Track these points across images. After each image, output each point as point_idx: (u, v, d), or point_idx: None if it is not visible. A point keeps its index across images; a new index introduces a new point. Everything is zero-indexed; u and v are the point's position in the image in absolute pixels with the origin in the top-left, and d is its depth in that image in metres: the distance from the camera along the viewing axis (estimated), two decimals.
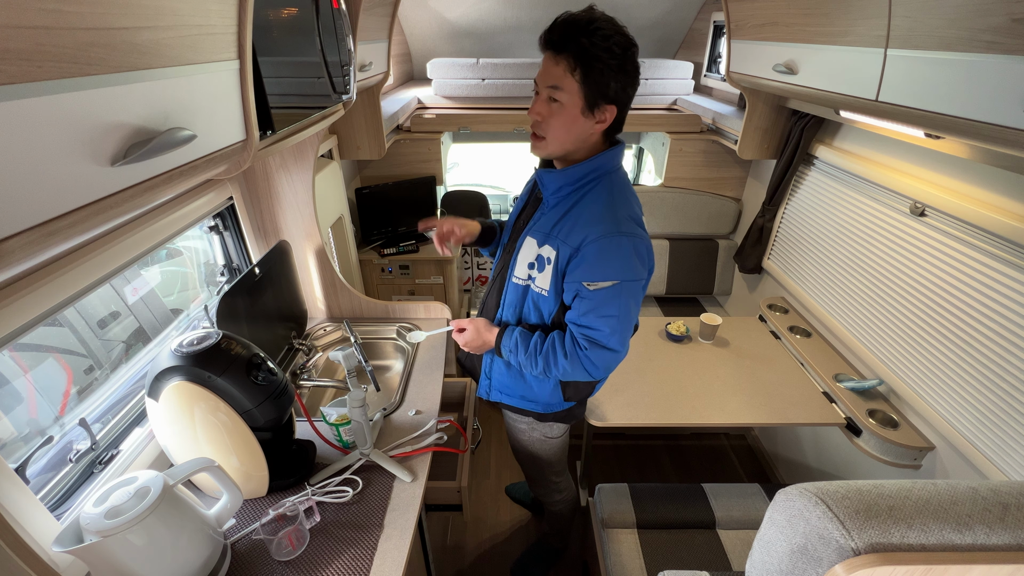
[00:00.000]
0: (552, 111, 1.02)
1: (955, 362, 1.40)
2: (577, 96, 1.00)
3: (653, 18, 2.81)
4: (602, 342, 1.09)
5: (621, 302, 1.07)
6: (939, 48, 1.02)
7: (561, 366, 1.13)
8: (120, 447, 1.09)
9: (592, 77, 0.98)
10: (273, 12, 1.00)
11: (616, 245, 1.04)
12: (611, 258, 1.04)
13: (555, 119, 1.03)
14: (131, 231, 1.07)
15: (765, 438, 2.41)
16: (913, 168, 1.56)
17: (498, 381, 1.37)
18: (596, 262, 1.05)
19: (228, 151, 0.87)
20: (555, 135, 1.05)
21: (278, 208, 1.62)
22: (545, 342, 1.16)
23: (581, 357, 1.11)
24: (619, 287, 1.06)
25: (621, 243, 1.04)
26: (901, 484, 0.67)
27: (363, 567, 0.99)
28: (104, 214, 0.61)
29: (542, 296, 1.16)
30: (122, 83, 0.61)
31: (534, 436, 1.47)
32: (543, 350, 1.15)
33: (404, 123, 2.52)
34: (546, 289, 1.14)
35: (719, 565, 1.45)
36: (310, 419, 1.27)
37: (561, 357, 1.13)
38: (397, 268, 2.58)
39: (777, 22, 1.60)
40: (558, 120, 1.03)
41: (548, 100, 1.02)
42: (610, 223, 1.04)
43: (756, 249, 2.38)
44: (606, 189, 1.09)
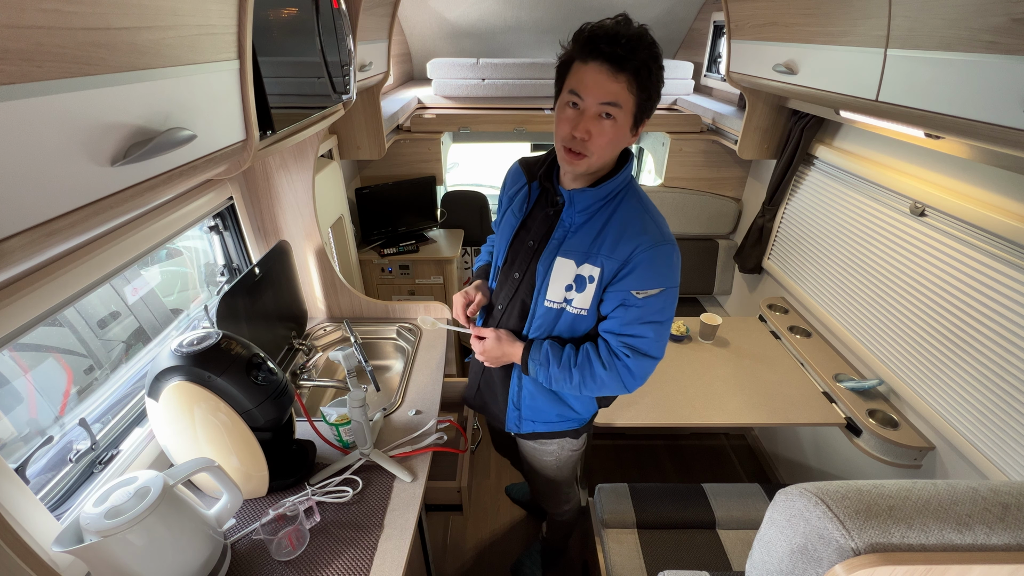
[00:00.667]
0: (603, 129, 0.95)
1: (955, 362, 1.40)
2: (630, 114, 0.95)
3: (653, 18, 2.81)
4: (644, 349, 1.07)
5: (668, 307, 1.06)
6: (939, 48, 1.02)
7: (599, 378, 1.09)
8: (120, 447, 1.09)
9: (649, 95, 0.94)
10: (273, 12, 1.00)
11: (666, 254, 1.03)
12: (661, 266, 1.03)
13: (605, 137, 0.96)
14: (131, 231, 1.07)
15: (765, 438, 2.41)
16: (913, 168, 1.56)
17: (530, 410, 1.28)
18: (648, 271, 1.03)
19: (228, 151, 0.87)
20: (602, 153, 0.98)
21: (278, 208, 1.62)
22: (579, 354, 1.11)
23: (619, 367, 1.08)
24: (666, 293, 1.05)
25: (670, 252, 1.04)
26: (901, 484, 0.67)
27: (363, 567, 0.99)
28: (104, 214, 0.61)
29: (580, 316, 1.11)
30: (122, 83, 0.61)
31: (563, 456, 1.40)
32: (578, 362, 1.10)
33: (404, 123, 2.52)
34: (586, 309, 1.10)
35: (719, 565, 1.45)
36: (310, 419, 1.27)
37: (599, 368, 1.08)
38: (397, 268, 2.58)
39: (777, 22, 1.60)
40: (608, 138, 0.96)
41: (599, 117, 0.94)
42: (656, 232, 1.03)
43: (756, 249, 2.38)
44: (636, 199, 1.06)
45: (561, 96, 0.99)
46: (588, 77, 0.92)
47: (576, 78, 0.94)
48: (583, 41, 0.92)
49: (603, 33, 0.90)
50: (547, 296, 1.11)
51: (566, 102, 0.97)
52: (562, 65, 0.98)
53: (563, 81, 0.98)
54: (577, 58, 0.94)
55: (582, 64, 0.93)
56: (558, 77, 1.00)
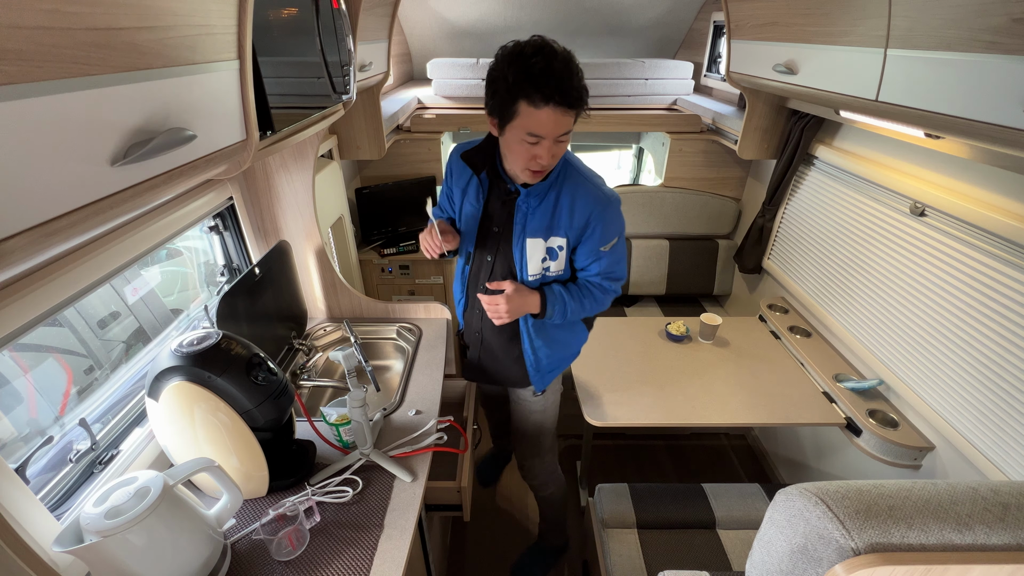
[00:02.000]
0: (560, 149, 1.12)
1: (955, 362, 1.40)
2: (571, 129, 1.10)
3: (653, 18, 2.81)
4: (619, 275, 1.34)
5: (623, 243, 1.31)
6: (939, 48, 1.02)
7: (598, 301, 1.34)
8: (120, 447, 1.09)
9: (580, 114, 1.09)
10: (273, 12, 1.00)
11: (614, 209, 1.24)
12: (612, 221, 1.25)
13: (560, 152, 1.13)
14: (131, 231, 1.07)
15: (765, 438, 2.41)
16: (913, 168, 1.56)
17: (548, 362, 1.45)
18: (605, 228, 1.24)
19: (228, 151, 0.87)
20: (555, 163, 1.16)
21: (278, 208, 1.62)
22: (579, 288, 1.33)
23: (608, 292, 1.35)
24: (621, 236, 1.29)
25: (616, 205, 1.25)
26: (901, 484, 0.67)
27: (363, 567, 0.99)
28: (104, 214, 0.61)
29: (559, 276, 1.33)
30: (122, 83, 0.61)
31: (555, 399, 1.59)
32: (583, 294, 1.33)
33: (404, 123, 2.52)
34: (562, 269, 1.32)
35: (719, 565, 1.45)
36: (310, 419, 1.27)
37: (598, 295, 1.33)
38: (397, 268, 2.58)
39: (777, 22, 1.60)
40: (562, 151, 1.14)
41: (554, 143, 1.08)
42: (600, 194, 1.22)
43: (756, 249, 2.38)
44: (573, 170, 1.23)
45: (513, 132, 1.08)
46: (546, 120, 1.03)
47: (533, 121, 1.04)
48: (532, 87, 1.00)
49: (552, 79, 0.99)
50: (529, 272, 1.29)
51: (521, 139, 1.08)
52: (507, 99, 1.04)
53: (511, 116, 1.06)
54: (525, 100, 1.02)
55: (534, 109, 1.02)
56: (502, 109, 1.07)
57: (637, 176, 3.47)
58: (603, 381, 1.74)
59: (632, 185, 2.76)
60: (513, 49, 1.03)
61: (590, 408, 1.62)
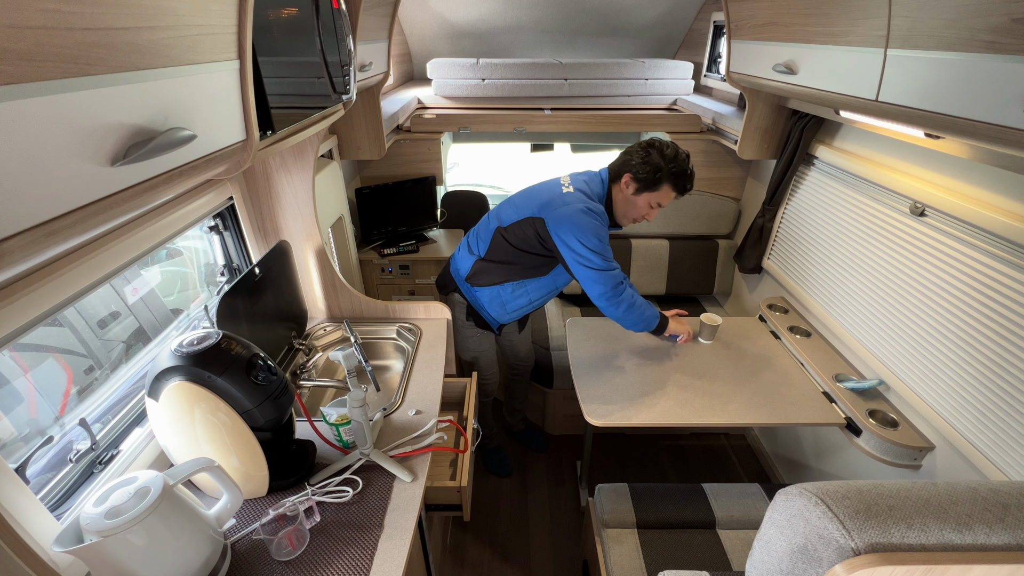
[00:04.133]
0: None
1: (955, 362, 1.40)
2: None
3: (653, 18, 2.81)
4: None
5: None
6: (939, 48, 1.02)
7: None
8: (120, 447, 1.09)
9: None
10: (273, 12, 1.00)
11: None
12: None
13: None
14: (131, 231, 1.07)
15: (765, 438, 2.41)
16: (913, 168, 1.56)
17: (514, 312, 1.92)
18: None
19: (228, 151, 0.87)
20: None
21: (278, 208, 1.62)
22: None
23: None
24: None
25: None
26: (901, 484, 0.67)
27: (363, 567, 0.99)
28: (104, 214, 0.61)
29: None
30: (122, 83, 0.61)
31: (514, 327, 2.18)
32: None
33: (404, 123, 2.52)
34: None
35: (719, 565, 1.45)
36: (310, 419, 1.27)
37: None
38: (397, 268, 2.58)
39: (777, 22, 1.60)
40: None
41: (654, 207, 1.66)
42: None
43: (756, 249, 2.38)
44: None
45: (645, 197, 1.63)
46: (668, 198, 1.63)
47: (664, 197, 1.63)
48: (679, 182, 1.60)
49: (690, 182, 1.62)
50: None
51: (648, 203, 1.64)
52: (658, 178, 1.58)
53: (654, 187, 1.60)
54: (670, 185, 1.60)
55: (670, 191, 1.61)
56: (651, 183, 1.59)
57: None
58: (603, 381, 1.74)
59: None
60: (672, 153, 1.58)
61: (590, 408, 1.62)
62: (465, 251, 1.87)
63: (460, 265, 1.87)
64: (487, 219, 1.83)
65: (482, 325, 1.93)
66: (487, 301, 1.87)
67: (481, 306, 1.89)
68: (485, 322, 1.92)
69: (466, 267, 1.84)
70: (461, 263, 1.87)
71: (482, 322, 1.92)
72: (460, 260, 1.88)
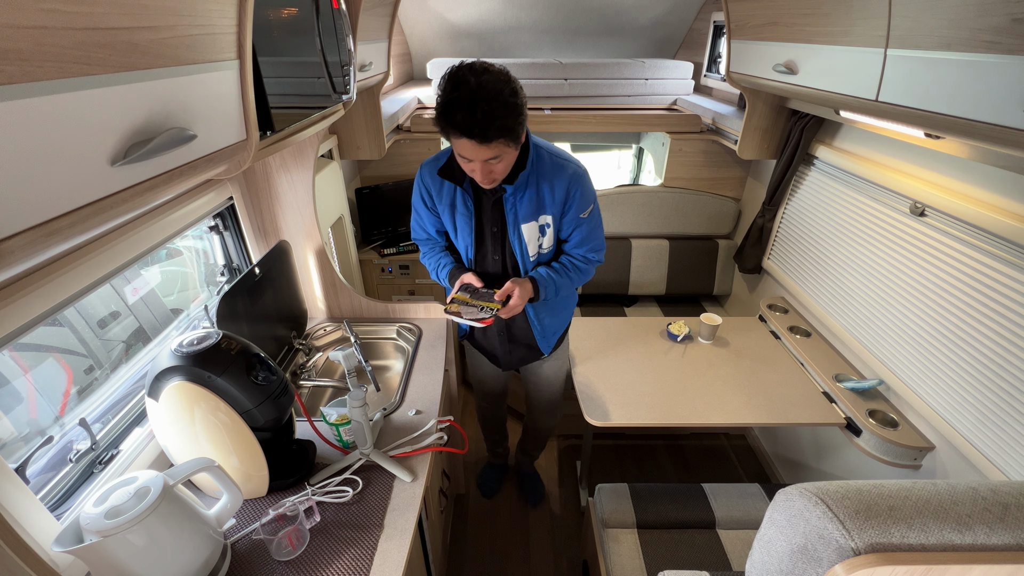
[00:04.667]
0: (497, 167, 1.18)
1: (955, 362, 1.40)
2: (509, 148, 1.15)
3: (653, 18, 2.81)
4: (600, 242, 1.47)
5: (598, 210, 1.43)
6: (939, 48, 1.02)
7: (583, 272, 1.47)
8: (120, 447, 1.09)
9: (517, 133, 1.13)
10: (273, 12, 1.00)
11: (586, 178, 1.36)
12: (587, 188, 1.36)
13: (501, 169, 1.20)
14: (131, 231, 1.07)
15: (765, 438, 2.41)
16: (913, 168, 1.56)
17: (551, 327, 1.60)
18: (582, 196, 1.35)
19: (228, 151, 0.87)
20: (504, 173, 1.23)
21: (278, 208, 1.62)
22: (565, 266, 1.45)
23: (592, 260, 1.48)
24: (596, 202, 1.41)
25: (586, 174, 1.36)
26: (901, 484, 0.67)
27: (363, 567, 0.99)
28: (104, 214, 0.61)
29: (550, 251, 1.45)
30: (122, 83, 0.61)
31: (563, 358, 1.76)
32: (569, 270, 1.44)
33: (404, 123, 2.52)
34: (552, 244, 1.43)
35: (719, 565, 1.45)
36: (310, 419, 1.27)
37: (582, 264, 1.46)
38: (397, 268, 2.58)
39: (777, 22, 1.60)
40: (504, 167, 1.20)
41: (486, 163, 1.15)
42: (570, 166, 1.33)
43: (756, 249, 2.38)
44: (545, 152, 1.32)
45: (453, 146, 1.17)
46: (465, 148, 1.12)
47: (458, 146, 1.14)
48: (446, 121, 1.09)
49: (460, 115, 1.06)
50: (530, 255, 1.41)
51: (458, 154, 1.18)
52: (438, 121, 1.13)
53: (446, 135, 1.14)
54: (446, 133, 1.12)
55: (456, 136, 1.11)
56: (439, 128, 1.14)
57: (637, 176, 3.47)
58: (603, 381, 1.74)
59: (632, 185, 2.76)
60: (445, 75, 1.10)
61: (590, 408, 1.62)
62: None
63: None
64: None
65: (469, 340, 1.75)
66: None
67: None
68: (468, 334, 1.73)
69: None
70: None
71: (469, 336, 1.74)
72: None
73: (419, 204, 1.44)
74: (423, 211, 1.45)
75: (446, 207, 1.39)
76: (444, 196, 1.37)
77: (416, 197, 1.44)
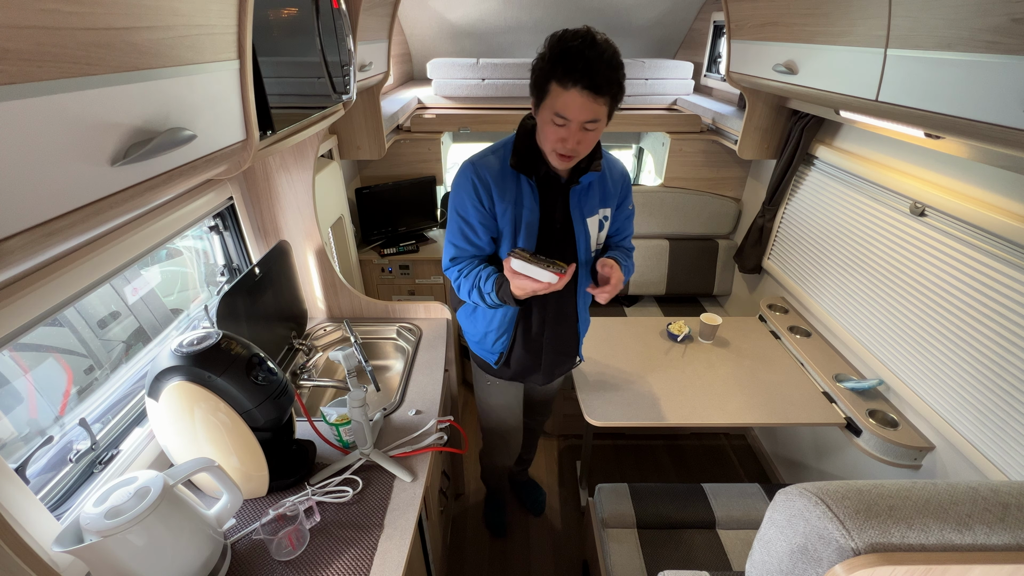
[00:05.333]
0: (588, 138, 1.11)
1: (955, 362, 1.40)
2: (606, 118, 1.09)
3: (653, 18, 2.81)
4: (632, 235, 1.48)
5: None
6: (939, 48, 1.02)
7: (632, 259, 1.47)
8: (120, 447, 1.09)
9: (619, 101, 1.09)
10: (273, 12, 1.00)
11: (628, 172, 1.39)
12: (630, 181, 1.39)
13: (589, 142, 1.13)
14: (131, 231, 1.07)
15: (765, 438, 2.41)
16: (913, 168, 1.56)
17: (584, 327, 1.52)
18: (630, 189, 1.39)
19: (228, 151, 0.87)
20: (586, 151, 1.16)
21: (278, 208, 1.62)
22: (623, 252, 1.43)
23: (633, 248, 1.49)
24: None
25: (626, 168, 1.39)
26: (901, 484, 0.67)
27: (363, 567, 0.99)
28: (104, 214, 0.61)
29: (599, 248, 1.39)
30: (122, 83, 0.61)
31: None
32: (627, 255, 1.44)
33: (404, 123, 2.52)
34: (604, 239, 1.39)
35: (719, 565, 1.45)
36: (310, 419, 1.27)
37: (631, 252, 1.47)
38: (397, 268, 2.58)
39: (777, 22, 1.60)
40: (591, 142, 1.13)
41: (582, 129, 1.08)
42: (618, 162, 1.36)
43: (756, 249, 2.38)
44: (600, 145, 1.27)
45: (544, 112, 1.10)
46: (571, 102, 1.04)
47: (560, 102, 1.05)
48: (562, 68, 1.01)
49: (582, 62, 1.00)
50: (593, 249, 1.34)
51: (550, 119, 1.08)
52: (540, 78, 1.07)
53: (543, 95, 1.08)
54: (555, 81, 1.03)
55: (562, 89, 1.03)
56: (537, 88, 1.09)
57: (637, 176, 3.47)
58: (603, 381, 1.74)
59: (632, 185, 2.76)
60: (558, 32, 1.06)
61: (590, 408, 1.62)
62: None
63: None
64: None
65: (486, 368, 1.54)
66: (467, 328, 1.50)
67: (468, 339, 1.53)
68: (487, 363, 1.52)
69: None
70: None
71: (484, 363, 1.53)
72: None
73: (470, 211, 1.24)
74: (475, 217, 1.24)
75: (508, 205, 1.22)
76: (507, 193, 1.22)
77: (465, 204, 1.24)
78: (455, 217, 1.27)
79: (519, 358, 1.46)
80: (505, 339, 1.42)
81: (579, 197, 1.27)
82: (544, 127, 1.12)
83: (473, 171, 1.22)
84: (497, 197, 1.23)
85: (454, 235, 1.29)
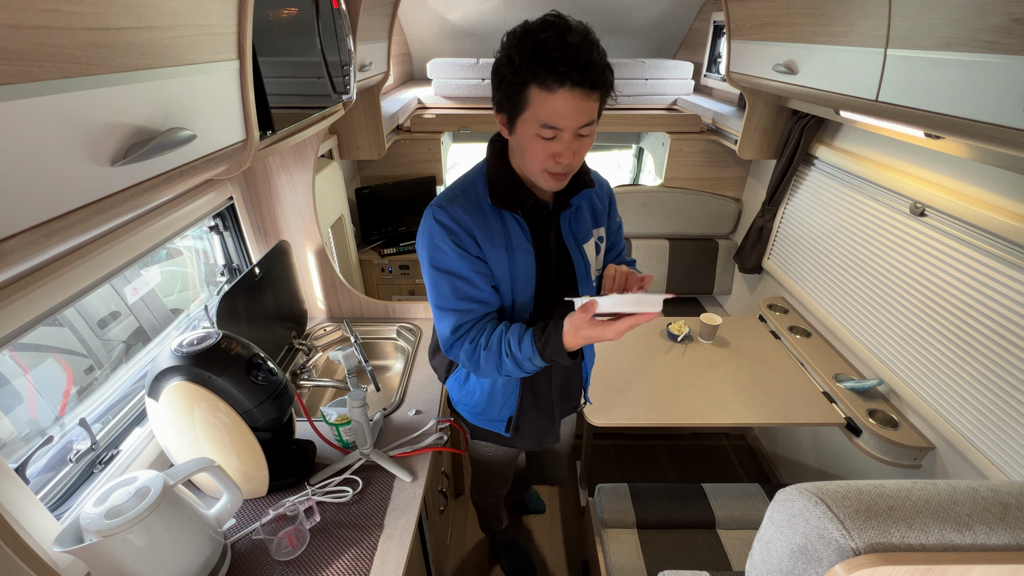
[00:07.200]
0: (583, 145, 0.92)
1: (955, 362, 1.40)
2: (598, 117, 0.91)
3: (653, 18, 2.81)
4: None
5: None
6: (939, 48, 1.02)
7: None
8: (120, 447, 1.09)
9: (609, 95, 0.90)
10: (273, 12, 1.00)
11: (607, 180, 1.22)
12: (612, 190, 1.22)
13: (585, 150, 0.93)
14: (131, 231, 1.07)
15: (765, 438, 2.41)
16: (913, 168, 1.56)
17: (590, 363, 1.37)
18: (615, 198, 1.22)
19: (228, 151, 0.87)
20: (580, 163, 0.96)
21: (278, 208, 1.62)
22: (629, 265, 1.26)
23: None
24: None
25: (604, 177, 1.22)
26: (901, 484, 0.67)
27: (363, 567, 0.99)
28: (104, 214, 0.61)
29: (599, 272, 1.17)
30: (122, 83, 0.61)
31: None
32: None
33: (404, 123, 2.52)
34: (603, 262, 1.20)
35: (719, 565, 1.45)
36: (310, 419, 1.27)
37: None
38: (397, 268, 2.58)
39: (777, 22, 1.60)
40: (586, 149, 0.94)
41: (576, 138, 0.89)
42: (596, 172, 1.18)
43: (756, 249, 2.38)
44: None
45: (524, 127, 0.89)
46: (562, 107, 0.84)
47: (547, 110, 0.85)
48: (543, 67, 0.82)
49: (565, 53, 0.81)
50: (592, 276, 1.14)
51: (535, 134, 0.88)
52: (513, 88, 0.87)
53: (521, 107, 0.87)
54: (536, 85, 0.84)
55: (548, 93, 0.84)
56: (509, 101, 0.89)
57: (637, 176, 3.47)
58: (603, 381, 1.74)
59: (632, 185, 2.76)
60: (519, 28, 0.88)
61: (590, 408, 1.62)
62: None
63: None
64: None
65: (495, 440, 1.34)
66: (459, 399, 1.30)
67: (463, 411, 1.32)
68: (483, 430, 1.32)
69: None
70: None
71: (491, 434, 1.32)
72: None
73: (457, 263, 0.99)
74: (467, 268, 1.00)
75: (500, 250, 1.01)
76: (495, 235, 1.01)
77: (448, 257, 0.99)
78: (440, 277, 1.01)
79: (530, 419, 1.25)
80: (512, 400, 1.21)
81: (570, 222, 1.08)
82: (528, 144, 0.90)
83: (447, 216, 0.99)
84: (484, 242, 1.00)
85: (446, 299, 1.02)
